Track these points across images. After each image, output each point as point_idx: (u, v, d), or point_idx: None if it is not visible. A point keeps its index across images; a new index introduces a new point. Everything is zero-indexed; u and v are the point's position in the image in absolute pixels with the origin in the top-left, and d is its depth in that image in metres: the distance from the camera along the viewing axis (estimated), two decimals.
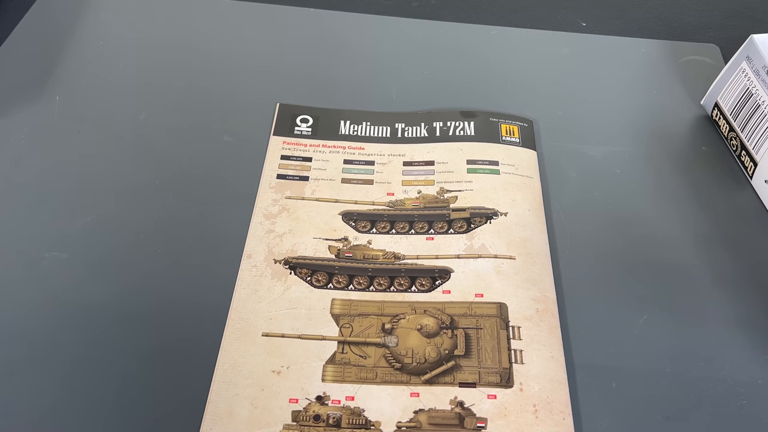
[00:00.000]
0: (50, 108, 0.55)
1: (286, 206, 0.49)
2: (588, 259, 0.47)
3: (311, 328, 0.43)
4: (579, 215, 0.50)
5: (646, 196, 0.51)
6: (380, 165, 0.52)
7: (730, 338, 0.44)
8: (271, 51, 0.60)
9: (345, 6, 0.65)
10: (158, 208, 0.49)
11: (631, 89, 0.59)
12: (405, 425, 0.39)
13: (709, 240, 0.49)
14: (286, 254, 0.46)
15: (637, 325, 0.44)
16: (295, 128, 0.54)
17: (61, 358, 0.41)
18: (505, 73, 0.60)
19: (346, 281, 0.45)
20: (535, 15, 0.66)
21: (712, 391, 0.42)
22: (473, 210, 0.49)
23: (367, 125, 0.54)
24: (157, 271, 0.46)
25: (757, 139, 0.51)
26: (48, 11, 0.62)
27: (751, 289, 0.46)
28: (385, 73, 0.59)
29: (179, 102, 0.56)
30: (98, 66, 0.58)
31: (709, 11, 0.66)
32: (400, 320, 0.43)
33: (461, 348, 0.42)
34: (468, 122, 0.54)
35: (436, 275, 0.45)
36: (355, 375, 0.41)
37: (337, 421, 0.39)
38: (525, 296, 0.44)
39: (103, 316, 0.43)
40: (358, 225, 0.48)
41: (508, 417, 0.39)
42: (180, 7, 0.64)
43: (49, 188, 0.50)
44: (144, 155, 0.52)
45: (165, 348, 0.42)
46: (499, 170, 0.51)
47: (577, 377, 0.42)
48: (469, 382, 0.41)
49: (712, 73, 0.58)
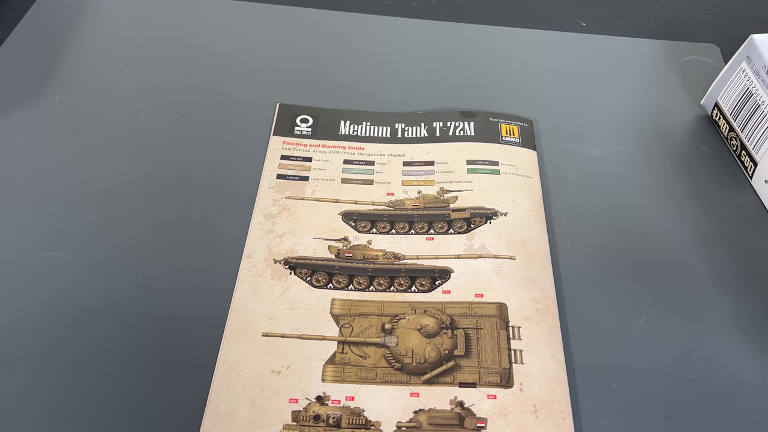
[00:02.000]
0: (50, 108, 0.55)
1: (286, 206, 0.49)
2: (588, 259, 0.48)
3: (311, 328, 0.43)
4: (579, 215, 0.50)
5: (646, 196, 0.51)
6: (380, 165, 0.52)
7: (730, 338, 0.44)
8: (271, 51, 0.60)
9: (345, 6, 0.65)
10: (158, 208, 0.49)
11: (631, 89, 0.59)
12: (405, 425, 0.39)
13: (709, 240, 0.49)
14: (286, 254, 0.46)
15: (637, 325, 0.44)
16: (295, 128, 0.54)
17: (61, 357, 0.41)
18: (505, 73, 0.60)
19: (346, 281, 0.45)
20: (535, 15, 0.66)
21: (712, 391, 0.42)
22: (473, 210, 0.49)
23: (367, 125, 0.54)
24: (157, 271, 0.46)
25: (757, 139, 0.51)
26: (48, 11, 0.62)
27: (751, 289, 0.46)
28: (385, 73, 0.59)
29: (179, 102, 0.56)
30: (98, 66, 0.58)
31: (709, 11, 0.66)
32: (400, 320, 0.43)
33: (461, 348, 0.42)
34: (468, 122, 0.54)
35: (436, 275, 0.45)
36: (355, 375, 0.41)
37: (337, 421, 0.39)
38: (525, 296, 0.44)
39: (102, 315, 0.43)
40: (358, 225, 0.48)
41: (508, 417, 0.39)
42: (180, 7, 0.64)
43: (49, 188, 0.50)
44: (144, 155, 0.52)
45: (165, 348, 0.42)
46: (499, 170, 0.51)
47: (577, 377, 0.42)
48: (469, 383, 0.41)
49: (712, 73, 0.58)
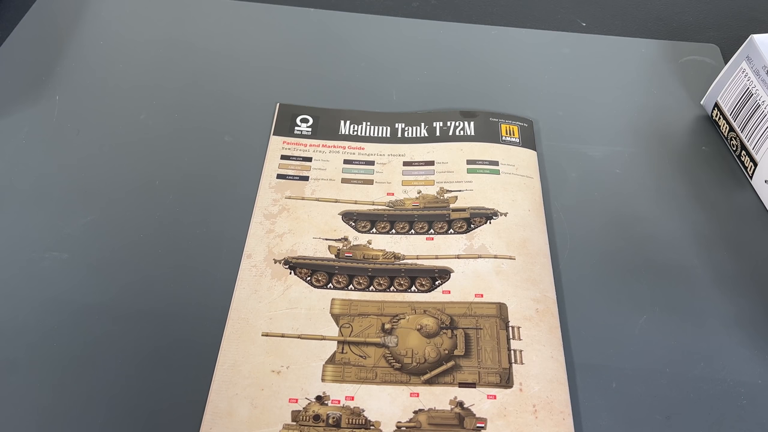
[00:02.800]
0: (50, 108, 0.55)
1: (286, 206, 0.49)
2: (588, 259, 0.48)
3: (311, 328, 0.43)
4: (579, 215, 0.50)
5: (646, 196, 0.51)
6: (380, 165, 0.52)
7: (730, 338, 0.44)
8: (270, 51, 0.60)
9: (345, 6, 0.65)
10: (158, 208, 0.49)
11: (631, 89, 0.59)
12: (405, 425, 0.39)
13: (709, 240, 0.49)
14: (286, 254, 0.46)
15: (637, 325, 0.44)
16: (295, 128, 0.54)
17: (61, 357, 0.42)
18: (505, 73, 0.60)
19: (346, 281, 0.45)
20: (535, 15, 0.66)
21: (712, 391, 0.42)
22: (473, 210, 0.49)
23: (367, 125, 0.54)
24: (157, 271, 0.46)
25: (757, 139, 0.51)
26: (48, 11, 0.63)
27: (751, 289, 0.46)
28: (385, 74, 0.59)
29: (179, 102, 0.56)
30: (98, 66, 0.58)
31: (709, 11, 0.66)
32: (400, 320, 0.43)
33: (461, 348, 0.42)
34: (468, 122, 0.54)
35: (435, 275, 0.45)
36: (355, 375, 0.41)
37: (337, 421, 0.39)
38: (525, 296, 0.44)
39: (103, 315, 0.43)
40: (358, 225, 0.48)
41: (508, 417, 0.39)
42: (180, 7, 0.64)
43: (48, 188, 0.50)
44: (144, 155, 0.52)
45: (165, 347, 0.42)
46: (499, 170, 0.51)
47: (577, 377, 0.42)
48: (469, 383, 0.41)
49: (712, 73, 0.58)
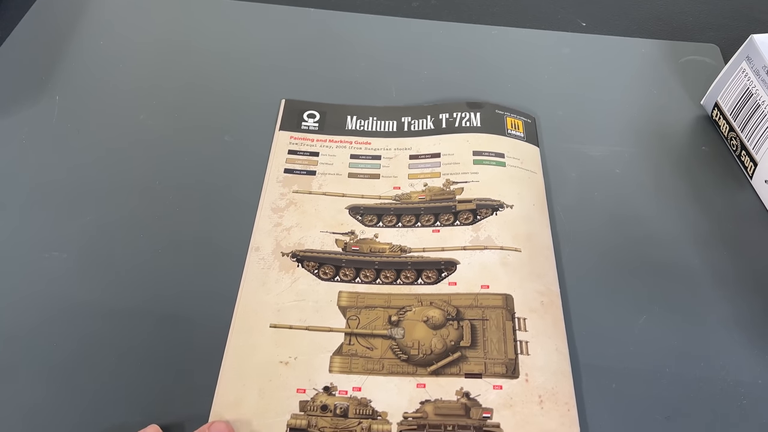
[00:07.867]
0: (50, 108, 0.55)
1: (294, 200, 0.49)
2: (588, 259, 0.47)
3: (318, 319, 0.43)
4: (579, 215, 0.50)
5: (646, 196, 0.51)
6: (387, 159, 0.52)
7: (730, 338, 0.44)
8: (271, 51, 0.60)
9: (346, 6, 0.65)
10: (164, 203, 0.49)
11: (631, 89, 0.59)
12: (411, 416, 0.39)
13: (709, 240, 0.49)
14: (293, 247, 0.46)
15: (637, 325, 0.44)
16: (302, 123, 0.54)
17: (61, 357, 0.41)
18: (505, 73, 0.60)
19: (353, 274, 0.45)
20: (535, 15, 0.66)
21: (712, 391, 0.42)
22: (479, 201, 0.49)
23: (374, 120, 0.55)
24: (165, 263, 0.46)
25: (757, 139, 0.51)
26: (48, 11, 0.62)
27: (751, 289, 0.46)
28: (385, 74, 0.59)
29: (180, 102, 0.56)
30: (98, 66, 0.58)
31: (709, 11, 0.67)
32: (407, 312, 0.44)
33: (467, 339, 0.42)
34: (474, 113, 0.54)
35: (442, 267, 0.46)
36: (362, 366, 0.41)
37: (344, 411, 0.39)
38: (530, 288, 0.44)
39: (107, 313, 0.43)
40: (365, 219, 0.48)
41: (514, 407, 0.40)
42: (181, 7, 0.64)
43: (48, 188, 0.49)
44: (145, 154, 0.52)
45: (174, 339, 0.42)
46: (505, 162, 0.51)
47: (576, 377, 0.42)
48: (475, 373, 0.41)
49: (712, 73, 0.58)
